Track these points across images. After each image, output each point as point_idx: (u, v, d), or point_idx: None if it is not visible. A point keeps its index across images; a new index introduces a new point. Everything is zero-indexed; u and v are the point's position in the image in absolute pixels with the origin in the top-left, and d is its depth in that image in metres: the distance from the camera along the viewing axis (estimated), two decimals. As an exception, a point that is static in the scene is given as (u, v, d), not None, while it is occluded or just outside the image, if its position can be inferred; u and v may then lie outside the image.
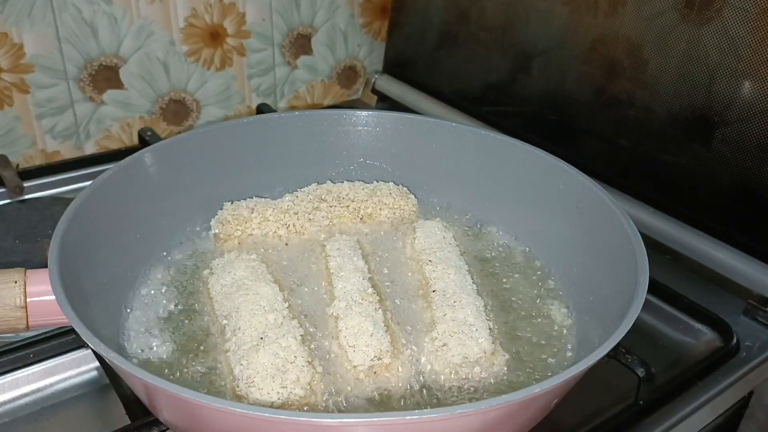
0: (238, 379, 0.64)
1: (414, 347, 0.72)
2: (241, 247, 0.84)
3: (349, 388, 0.67)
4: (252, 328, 0.68)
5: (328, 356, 0.71)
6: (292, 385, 0.63)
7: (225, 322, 0.71)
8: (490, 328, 0.72)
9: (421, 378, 0.69)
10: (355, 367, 0.67)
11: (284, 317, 0.70)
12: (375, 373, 0.67)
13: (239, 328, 0.69)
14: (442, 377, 0.69)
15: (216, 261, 0.80)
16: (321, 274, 0.81)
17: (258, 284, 0.74)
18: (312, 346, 0.71)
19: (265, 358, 0.65)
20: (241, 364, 0.65)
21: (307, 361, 0.66)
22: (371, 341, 0.68)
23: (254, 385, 0.63)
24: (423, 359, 0.70)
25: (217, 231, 0.85)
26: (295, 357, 0.65)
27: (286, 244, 0.86)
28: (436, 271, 0.78)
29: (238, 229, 0.84)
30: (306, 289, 0.80)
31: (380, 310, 0.73)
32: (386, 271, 0.83)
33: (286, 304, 0.72)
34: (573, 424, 0.73)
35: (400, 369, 0.68)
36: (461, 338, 0.70)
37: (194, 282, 0.81)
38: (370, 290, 0.75)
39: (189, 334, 0.74)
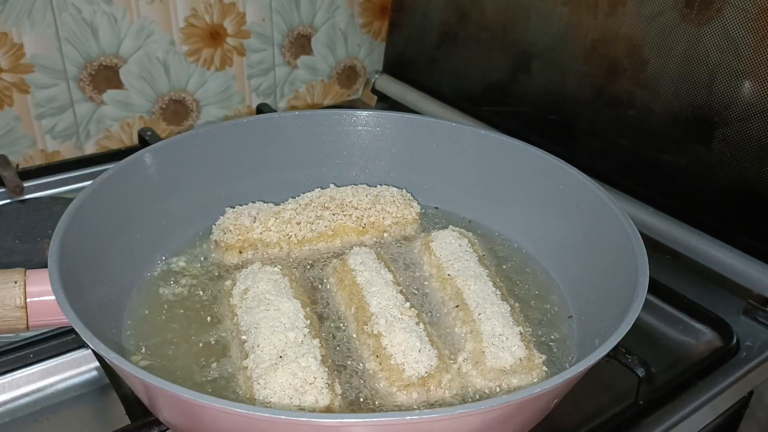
0: (256, 399, 0.62)
1: (456, 362, 0.70)
2: (241, 255, 0.84)
3: (395, 407, 0.65)
4: (271, 345, 0.66)
5: (361, 372, 0.69)
6: (309, 409, 0.61)
7: (244, 337, 0.69)
8: (521, 333, 0.70)
9: (468, 391, 0.68)
10: (407, 385, 0.65)
11: (305, 335, 0.68)
12: (428, 390, 0.66)
13: (258, 345, 0.67)
14: (487, 390, 0.68)
15: (239, 273, 0.77)
16: (343, 289, 0.78)
17: (280, 299, 0.71)
18: (338, 363, 0.70)
19: (283, 377, 0.63)
20: (259, 383, 0.63)
21: (327, 383, 0.64)
22: (421, 357, 0.67)
23: (271, 406, 0.61)
24: (465, 374, 0.69)
25: (218, 238, 0.84)
26: (315, 378, 0.63)
27: (288, 255, 0.85)
28: (456, 284, 0.77)
29: (239, 239, 0.83)
30: (323, 304, 0.78)
31: (420, 324, 0.71)
32: (409, 283, 0.81)
33: (308, 321, 0.70)
34: (573, 424, 0.73)
35: (450, 385, 0.67)
36: (493, 351, 0.68)
37: (194, 284, 0.80)
38: (407, 304, 0.73)
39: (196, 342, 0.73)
